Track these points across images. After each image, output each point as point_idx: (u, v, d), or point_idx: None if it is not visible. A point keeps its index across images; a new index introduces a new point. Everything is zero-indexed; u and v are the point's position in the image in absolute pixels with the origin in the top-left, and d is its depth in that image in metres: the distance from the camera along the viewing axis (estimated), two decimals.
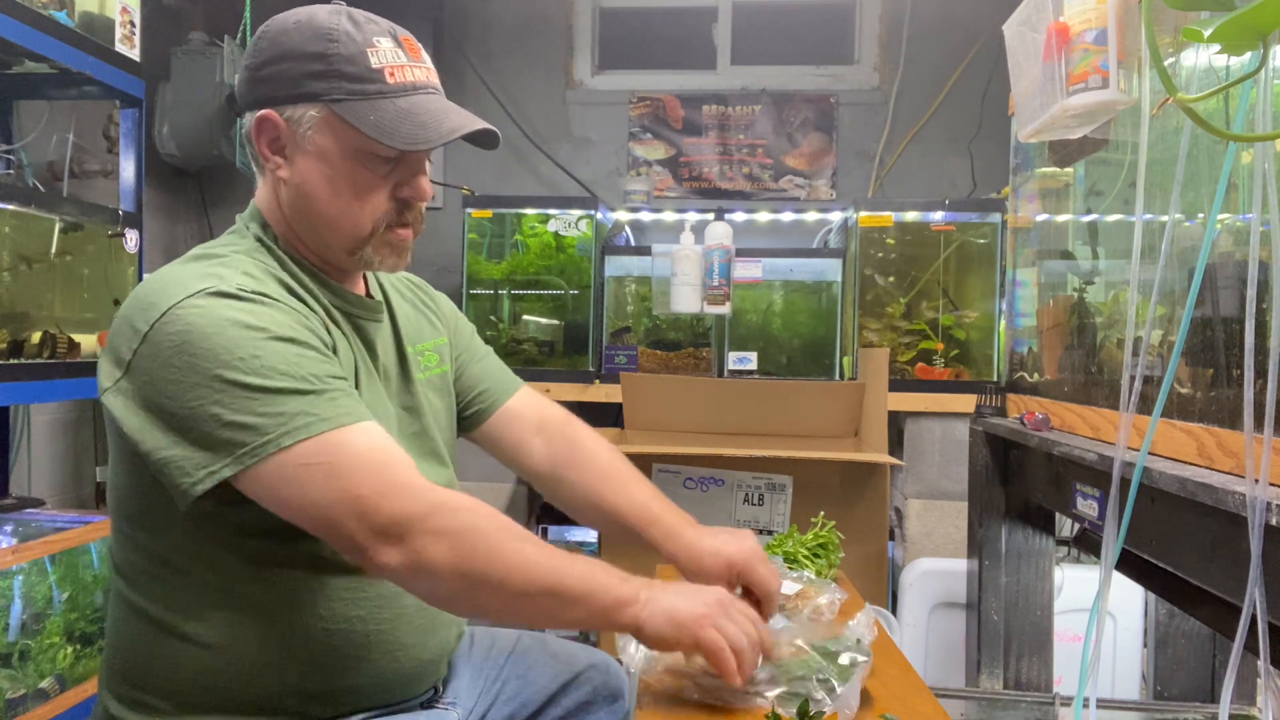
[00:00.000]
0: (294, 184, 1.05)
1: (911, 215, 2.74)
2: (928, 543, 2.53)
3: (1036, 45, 1.30)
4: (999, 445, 1.76)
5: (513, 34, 3.35)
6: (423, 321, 1.26)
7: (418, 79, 1.05)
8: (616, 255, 2.91)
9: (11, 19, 1.73)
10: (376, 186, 1.04)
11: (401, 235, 1.08)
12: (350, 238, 1.06)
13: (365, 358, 1.10)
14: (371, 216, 1.05)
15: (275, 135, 1.04)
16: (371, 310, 1.14)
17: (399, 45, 1.05)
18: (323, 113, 1.02)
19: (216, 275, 0.97)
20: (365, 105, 1.01)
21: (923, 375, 2.65)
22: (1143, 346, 1.12)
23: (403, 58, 1.04)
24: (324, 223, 1.06)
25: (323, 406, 0.93)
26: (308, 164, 1.04)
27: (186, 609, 0.99)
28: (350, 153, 1.03)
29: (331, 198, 1.04)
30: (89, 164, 2.40)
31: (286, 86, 1.02)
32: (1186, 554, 1.06)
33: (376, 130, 1.00)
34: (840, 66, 3.38)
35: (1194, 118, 0.88)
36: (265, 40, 1.04)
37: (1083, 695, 1.07)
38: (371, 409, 1.05)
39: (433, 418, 1.19)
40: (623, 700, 1.30)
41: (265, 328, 0.94)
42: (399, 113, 1.02)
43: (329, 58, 1.01)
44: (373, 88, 1.01)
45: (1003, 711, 1.74)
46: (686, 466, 2.09)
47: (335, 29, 1.02)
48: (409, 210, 1.08)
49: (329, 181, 1.04)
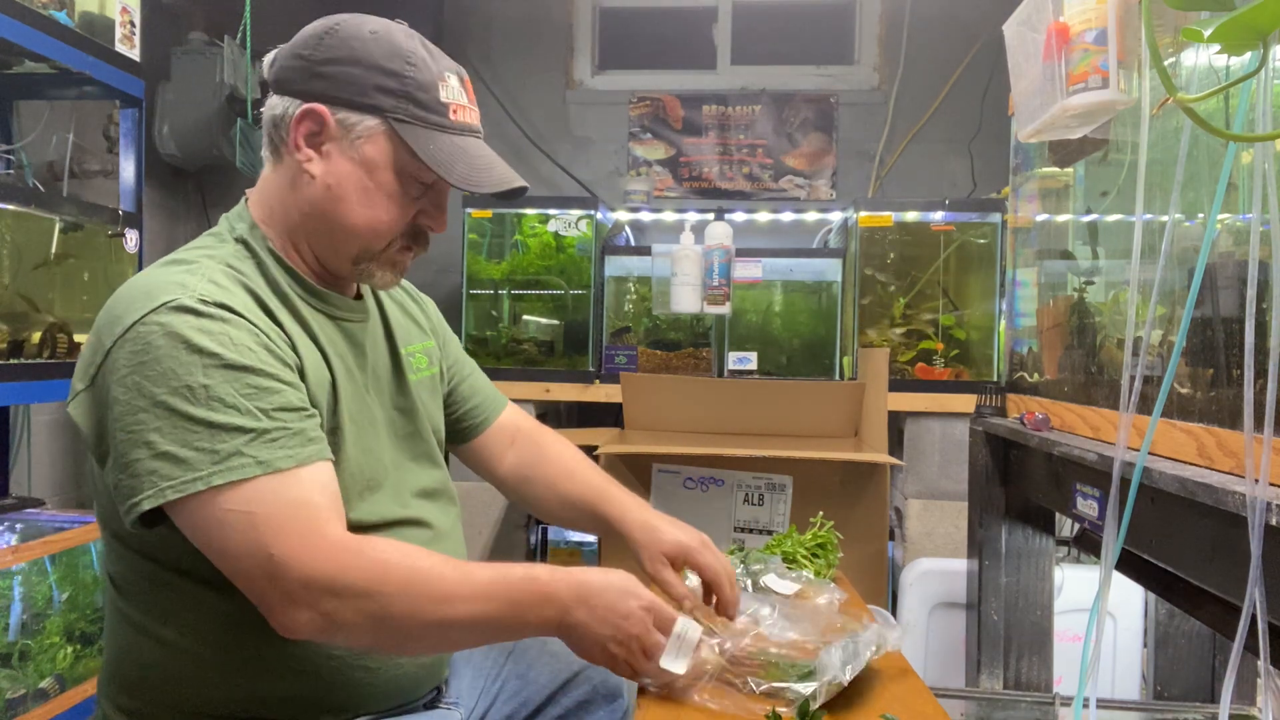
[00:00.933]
0: (323, 183, 1.05)
1: (911, 215, 2.74)
2: (928, 543, 2.53)
3: (1036, 45, 1.30)
4: (999, 445, 1.76)
5: (513, 34, 3.35)
6: (410, 324, 1.26)
7: (472, 122, 1.09)
8: (616, 255, 2.91)
9: (11, 19, 1.73)
10: (404, 209, 1.07)
11: (404, 258, 1.11)
12: (363, 249, 1.07)
13: (351, 361, 1.10)
14: (390, 233, 1.07)
15: (317, 130, 1.04)
16: (358, 312, 1.13)
17: (463, 86, 1.09)
18: (383, 127, 1.03)
19: (181, 285, 0.95)
20: (427, 134, 1.03)
21: (923, 375, 2.65)
22: (1143, 346, 1.12)
23: (464, 99, 1.08)
24: (343, 228, 1.06)
25: (260, 449, 0.91)
26: (347, 168, 1.04)
27: (181, 620, 0.99)
28: (396, 169, 1.04)
29: (360, 207, 1.05)
30: (89, 164, 2.40)
31: (351, 90, 1.02)
32: (1186, 554, 1.06)
33: (434, 161, 1.02)
34: (840, 66, 3.38)
35: (1194, 118, 0.88)
36: (335, 39, 1.04)
37: (1083, 695, 1.07)
38: (354, 414, 1.06)
39: (427, 419, 1.19)
40: (622, 698, 1.31)
41: (218, 352, 0.92)
42: (456, 150, 1.05)
43: (404, 78, 1.03)
44: (435, 119, 1.04)
45: (1003, 711, 1.74)
46: (686, 466, 2.09)
47: (414, 54, 1.04)
48: (420, 238, 1.11)
49: (363, 191, 1.04)
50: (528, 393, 2.67)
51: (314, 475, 0.94)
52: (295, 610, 0.90)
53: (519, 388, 2.66)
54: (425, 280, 3.37)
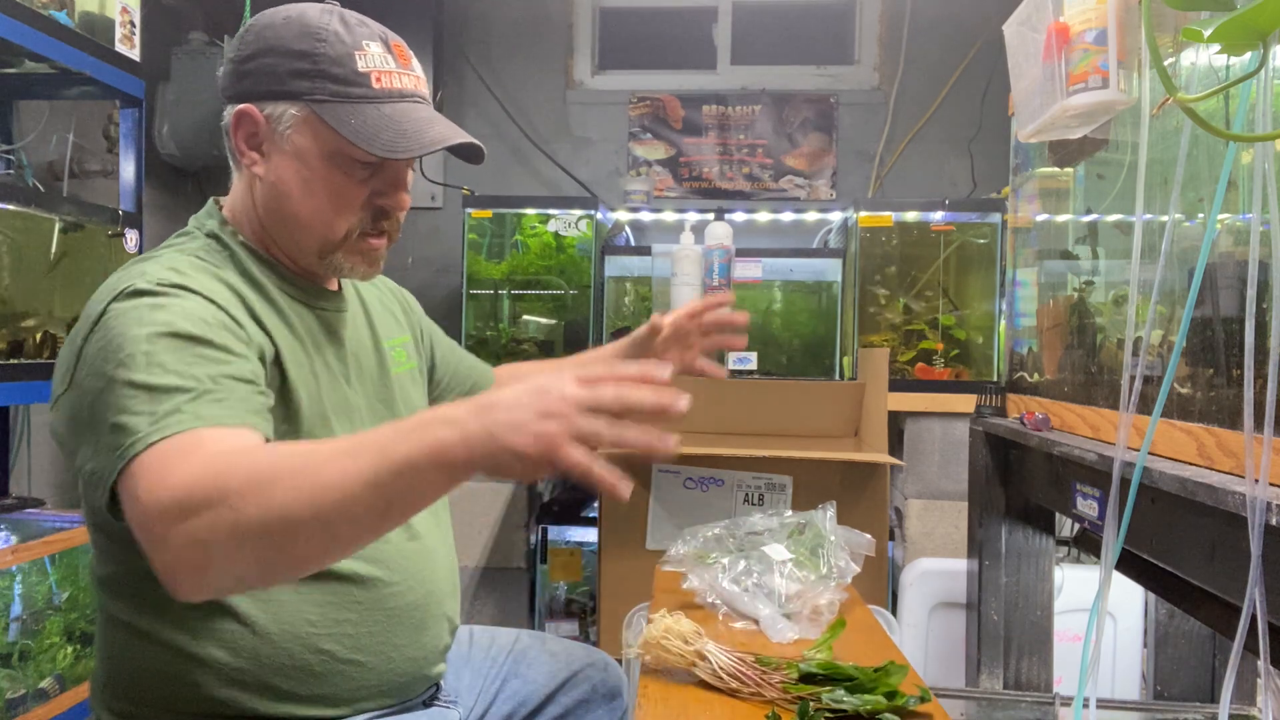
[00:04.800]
0: (269, 182, 1.03)
1: (911, 215, 2.74)
2: (928, 543, 2.53)
3: (1036, 45, 1.30)
4: (999, 445, 1.76)
5: (513, 34, 3.35)
6: (390, 318, 1.25)
7: (405, 86, 1.02)
8: (616, 255, 2.91)
9: (11, 19, 1.73)
10: (353, 193, 1.02)
11: (374, 244, 1.06)
12: (321, 241, 1.04)
13: (330, 352, 1.08)
14: (345, 223, 1.03)
15: (253, 131, 1.02)
16: (334, 301, 1.12)
17: (389, 51, 1.03)
18: (303, 112, 0.99)
19: (140, 272, 0.93)
20: (348, 109, 0.99)
21: (923, 375, 2.65)
22: (1143, 346, 1.12)
23: (391, 64, 1.02)
24: (297, 224, 1.03)
25: (202, 406, 0.83)
26: (284, 163, 1.01)
27: (171, 619, 0.97)
28: (328, 155, 1.00)
29: (305, 199, 1.02)
30: (89, 164, 2.40)
31: (269, 82, 1.00)
32: (1186, 554, 1.06)
33: (356, 135, 0.98)
34: (840, 66, 3.38)
35: (1194, 118, 0.88)
36: (252, 34, 1.02)
37: (1083, 695, 1.07)
38: (335, 404, 1.04)
39: (407, 412, 1.17)
40: (621, 698, 1.31)
41: (168, 322, 0.88)
42: (382, 119, 0.99)
43: (315, 57, 0.99)
44: (357, 91, 0.99)
45: (1003, 711, 1.74)
46: (686, 466, 2.09)
47: (324, 28, 1.00)
48: (385, 219, 1.06)
49: (304, 183, 1.01)
50: None
51: (251, 436, 0.84)
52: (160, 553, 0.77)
53: None
54: (425, 280, 3.38)
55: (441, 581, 1.14)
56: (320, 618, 1.00)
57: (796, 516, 1.42)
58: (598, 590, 2.27)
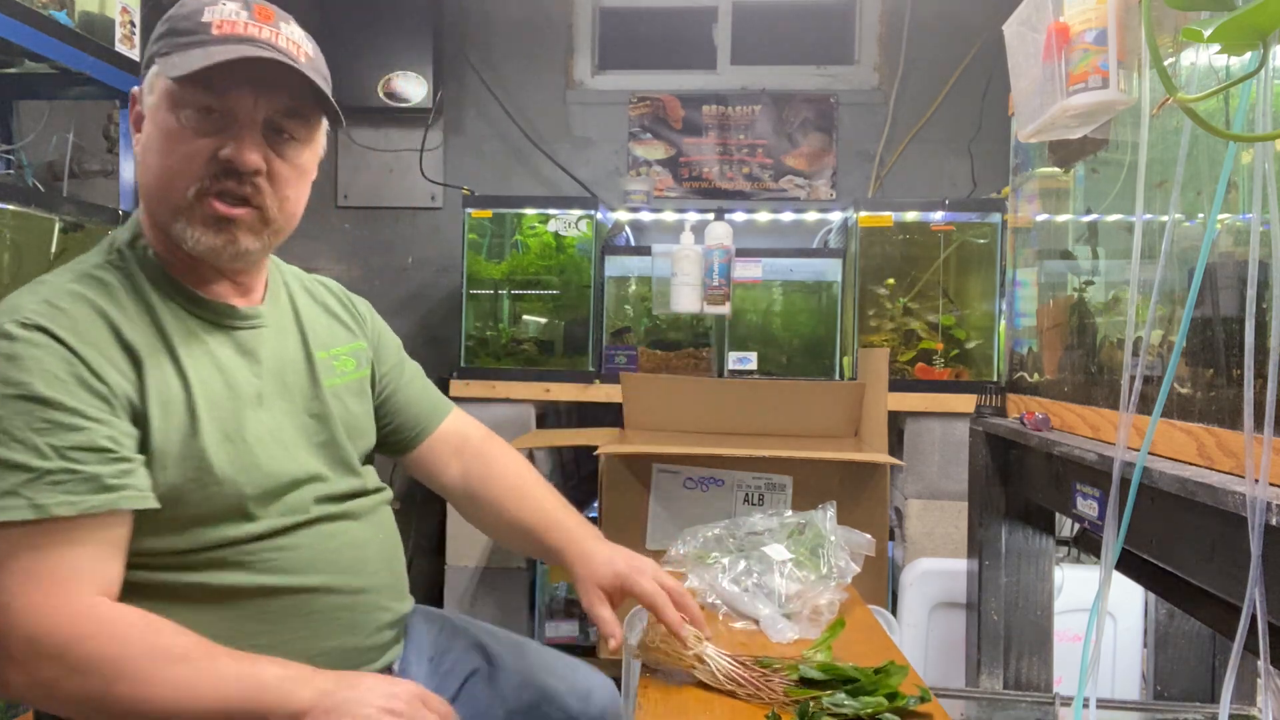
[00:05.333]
0: (138, 155, 1.04)
1: (911, 215, 2.74)
2: (928, 543, 2.53)
3: (1036, 45, 1.30)
4: (999, 445, 1.76)
5: (513, 34, 3.35)
6: (335, 325, 1.21)
7: (251, 34, 0.98)
8: (616, 255, 2.91)
9: (11, 19, 1.73)
10: (193, 143, 0.98)
11: (218, 208, 0.99)
12: (169, 205, 0.99)
13: (241, 369, 1.06)
14: (186, 178, 0.98)
15: (137, 110, 1.04)
16: (247, 319, 1.09)
17: (247, 8, 1.00)
18: (154, 72, 1.01)
19: (14, 308, 0.93)
20: (180, 55, 0.97)
21: (923, 375, 2.65)
22: (1143, 346, 1.12)
23: (243, 16, 0.99)
24: (149, 191, 1.02)
25: (38, 491, 0.86)
26: (147, 130, 1.02)
27: None
28: (170, 107, 0.98)
29: (155, 158, 1.00)
30: (89, 164, 2.40)
31: (145, 63, 1.03)
32: (1186, 554, 1.06)
33: (172, 68, 0.96)
34: (840, 66, 3.38)
35: (1194, 118, 0.88)
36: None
37: (1083, 695, 1.07)
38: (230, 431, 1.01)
39: (344, 425, 1.14)
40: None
41: (21, 380, 0.88)
42: (204, 55, 0.95)
43: (170, 19, 1.01)
44: (194, 39, 0.98)
45: (1003, 711, 1.74)
46: (686, 466, 2.09)
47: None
48: (234, 180, 0.99)
49: (154, 142, 1.00)
50: (528, 393, 2.67)
51: (95, 529, 0.89)
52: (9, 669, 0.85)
53: (519, 388, 2.67)
54: (425, 280, 3.38)
55: (374, 575, 1.12)
56: (231, 633, 0.97)
57: (796, 516, 1.42)
58: None
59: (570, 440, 2.42)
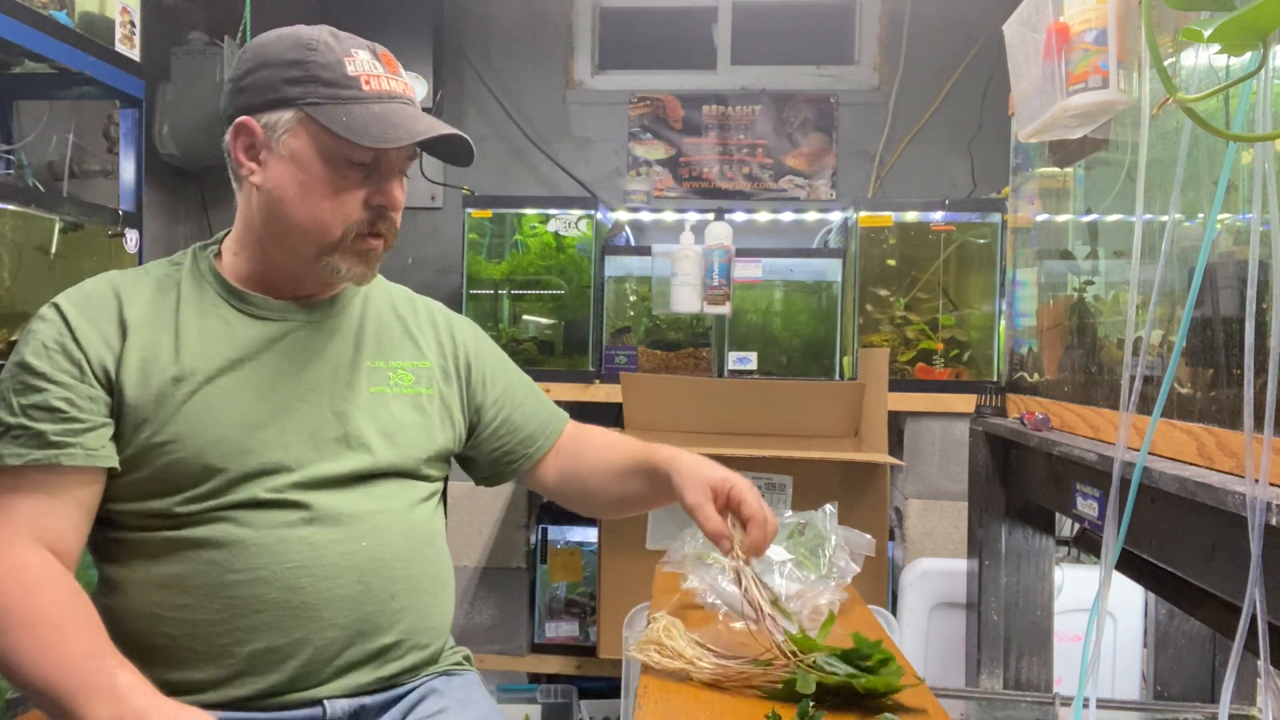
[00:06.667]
0: (266, 189, 1.07)
1: (911, 215, 2.73)
2: (928, 543, 2.53)
3: (1036, 45, 1.30)
4: (999, 445, 1.76)
5: (513, 34, 3.35)
6: (404, 341, 1.23)
7: (394, 89, 1.08)
8: (616, 255, 2.91)
9: (11, 19, 1.73)
10: (348, 192, 1.06)
11: (371, 245, 1.10)
12: (318, 244, 1.07)
13: (258, 357, 1.10)
14: (343, 222, 1.07)
15: (251, 141, 1.07)
16: (295, 314, 1.13)
17: (377, 58, 1.09)
18: (298, 116, 1.05)
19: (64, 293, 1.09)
20: (339, 108, 1.04)
21: (923, 375, 2.65)
22: (1143, 346, 1.12)
23: (380, 69, 1.08)
24: (293, 228, 1.07)
25: (2, 443, 0.99)
26: (281, 168, 1.06)
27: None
28: (323, 156, 1.05)
29: (302, 201, 1.06)
30: (89, 164, 2.40)
31: (264, 93, 1.06)
32: (1186, 554, 1.06)
33: (348, 130, 1.02)
34: (840, 66, 3.38)
35: (1194, 118, 0.88)
36: (248, 53, 1.09)
37: (1083, 695, 1.07)
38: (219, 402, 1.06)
39: (379, 427, 1.14)
40: None
41: (21, 351, 1.03)
42: (371, 116, 1.04)
43: (306, 64, 1.05)
44: (347, 92, 1.04)
45: (1003, 711, 1.74)
46: None
47: (315, 39, 1.06)
48: (382, 220, 1.09)
49: (301, 185, 1.06)
50: None
51: (41, 481, 1.00)
52: None
53: None
54: (425, 280, 3.38)
55: (332, 591, 1.06)
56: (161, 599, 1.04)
57: (796, 516, 1.42)
58: (598, 590, 2.27)
59: None
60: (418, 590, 1.14)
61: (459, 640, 1.30)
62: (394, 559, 1.11)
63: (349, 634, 1.08)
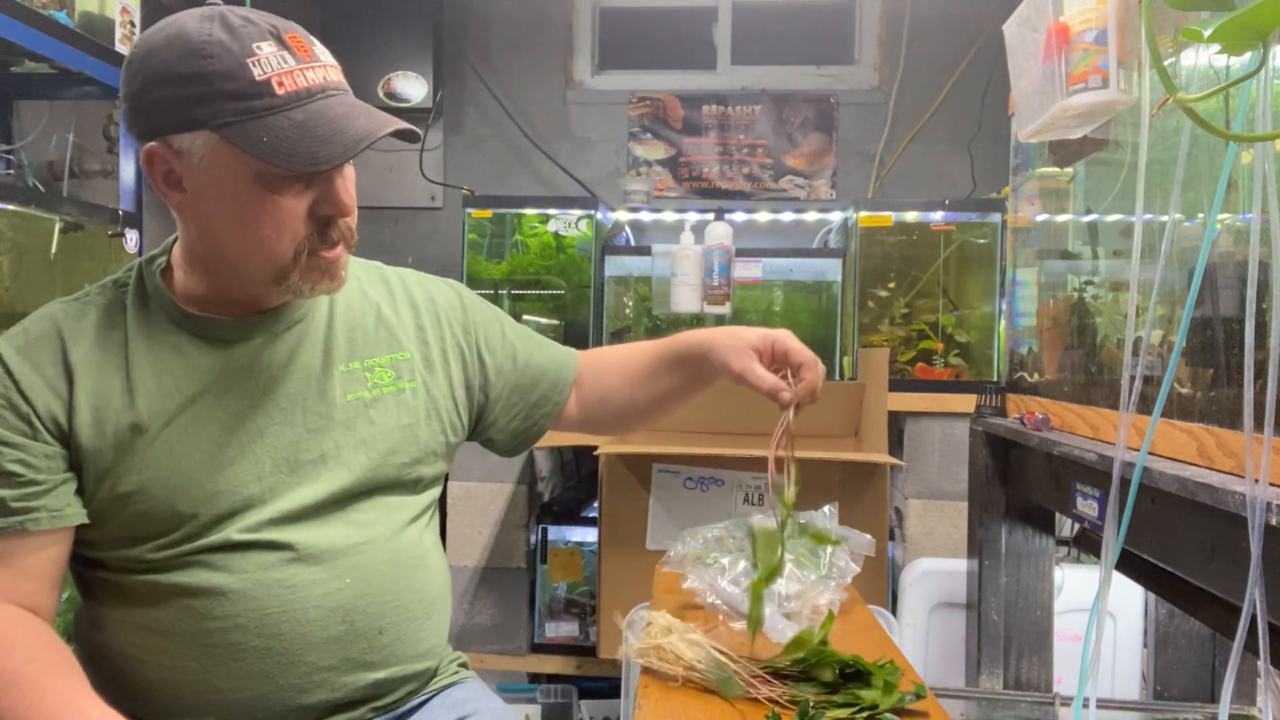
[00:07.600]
0: (196, 219, 0.98)
1: (911, 215, 2.73)
2: (928, 543, 2.53)
3: (1036, 45, 1.30)
4: (999, 445, 1.76)
5: (513, 34, 3.35)
6: (380, 334, 1.13)
7: (312, 83, 0.92)
8: (616, 255, 2.91)
9: (11, 19, 1.73)
10: (289, 209, 0.94)
11: (328, 257, 0.98)
12: (270, 268, 0.97)
13: (221, 385, 1.02)
14: (291, 243, 0.95)
15: (169, 169, 0.95)
16: (256, 332, 1.04)
17: (285, 46, 0.92)
18: (212, 140, 0.91)
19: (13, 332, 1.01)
20: (256, 124, 0.89)
21: (923, 375, 2.65)
22: (1143, 346, 1.12)
23: (290, 61, 0.91)
24: (237, 258, 0.97)
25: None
26: (208, 196, 0.95)
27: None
28: (252, 179, 0.92)
29: (240, 231, 0.95)
30: (89, 164, 2.40)
31: (167, 115, 0.92)
32: (1186, 554, 1.06)
33: (272, 154, 0.89)
34: (840, 66, 3.38)
35: (1194, 118, 0.88)
36: (136, 65, 0.93)
37: (1083, 695, 1.07)
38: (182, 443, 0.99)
39: (359, 442, 1.06)
40: None
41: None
42: (295, 128, 0.90)
43: (205, 77, 0.89)
44: (260, 103, 0.89)
45: (1003, 711, 1.74)
46: (686, 466, 2.09)
47: (208, 41, 0.89)
48: (333, 229, 0.98)
49: (235, 217, 0.94)
50: None
51: (3, 547, 0.94)
52: None
53: None
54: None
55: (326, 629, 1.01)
56: (142, 642, 1.00)
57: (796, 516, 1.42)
58: (598, 590, 2.27)
59: (570, 440, 2.42)
60: (408, 618, 1.08)
61: (459, 642, 1.29)
62: (380, 591, 1.05)
63: (337, 674, 1.03)
